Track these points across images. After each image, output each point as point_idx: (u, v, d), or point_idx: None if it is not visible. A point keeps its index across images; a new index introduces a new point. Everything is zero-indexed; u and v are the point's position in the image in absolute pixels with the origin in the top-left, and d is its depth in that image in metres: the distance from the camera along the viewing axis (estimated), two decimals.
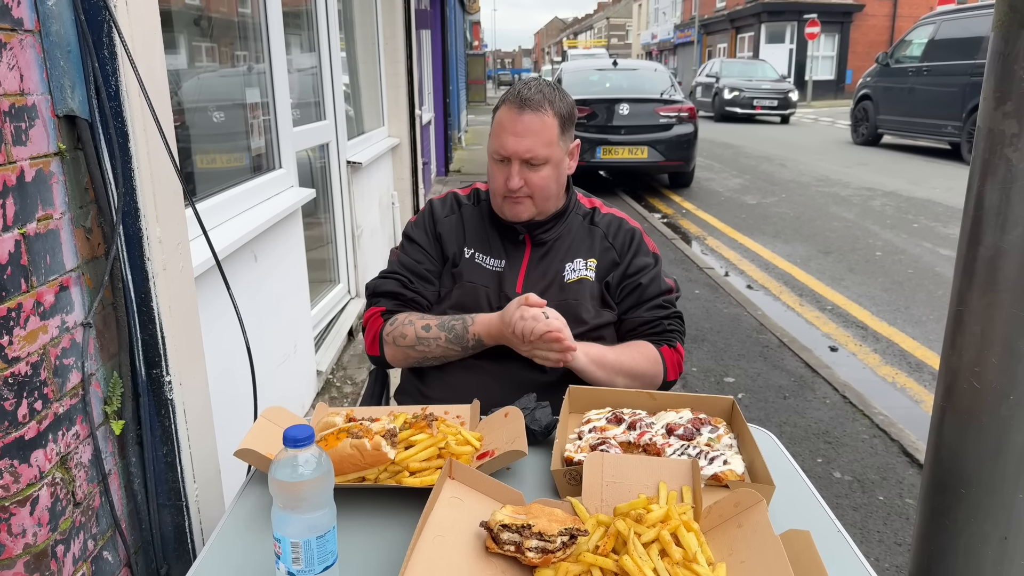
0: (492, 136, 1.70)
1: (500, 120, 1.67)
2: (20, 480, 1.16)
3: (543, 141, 1.64)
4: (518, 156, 1.63)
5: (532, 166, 1.65)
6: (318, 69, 4.12)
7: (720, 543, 1.09)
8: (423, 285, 1.79)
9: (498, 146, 1.66)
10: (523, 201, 1.69)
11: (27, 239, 1.17)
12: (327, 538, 1.01)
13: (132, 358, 1.45)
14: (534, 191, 1.68)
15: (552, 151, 1.66)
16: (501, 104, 1.69)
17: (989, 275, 1.20)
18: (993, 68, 1.17)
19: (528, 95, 1.64)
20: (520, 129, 1.63)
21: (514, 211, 1.71)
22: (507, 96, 1.68)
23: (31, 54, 1.20)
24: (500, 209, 1.74)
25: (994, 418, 1.22)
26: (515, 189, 1.65)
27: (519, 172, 1.65)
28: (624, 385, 1.67)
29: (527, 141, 1.63)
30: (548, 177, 1.68)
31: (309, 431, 0.99)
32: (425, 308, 1.79)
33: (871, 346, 4.61)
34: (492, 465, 1.28)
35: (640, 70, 10.73)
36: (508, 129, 1.64)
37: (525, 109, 1.63)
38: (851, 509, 2.85)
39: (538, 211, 1.73)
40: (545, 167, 1.66)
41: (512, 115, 1.64)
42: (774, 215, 8.45)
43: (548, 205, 1.74)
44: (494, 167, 1.70)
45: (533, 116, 1.63)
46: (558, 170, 1.70)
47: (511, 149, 1.63)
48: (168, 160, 1.46)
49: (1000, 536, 1.25)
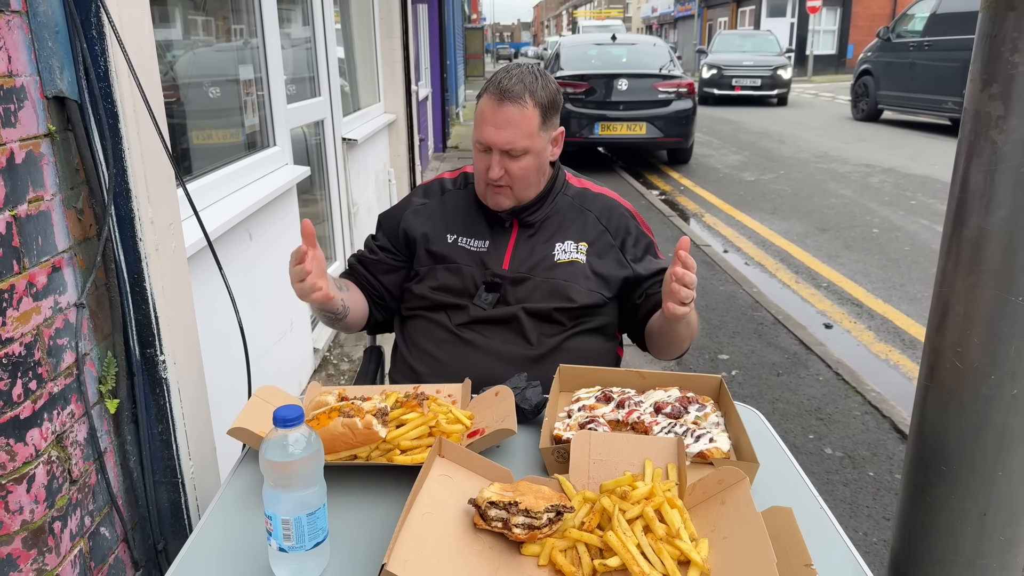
0: (475, 125, 1.71)
1: (481, 110, 1.67)
2: (16, 458, 1.18)
3: (523, 132, 1.64)
4: (498, 147, 1.64)
5: (512, 156, 1.66)
6: (312, 44, 4.09)
7: (704, 519, 1.11)
8: (375, 266, 1.86)
9: (479, 136, 1.67)
10: (503, 191, 1.71)
11: (18, 221, 1.18)
12: (317, 515, 1.03)
13: (126, 338, 1.46)
14: (514, 181, 1.69)
15: (532, 142, 1.66)
16: (483, 93, 1.69)
17: (973, 257, 1.21)
18: (980, 50, 1.17)
19: (508, 86, 1.63)
20: (500, 120, 1.63)
21: (495, 201, 1.74)
22: (489, 86, 1.68)
23: (19, 35, 1.19)
24: (483, 197, 1.77)
25: (975, 397, 1.24)
26: (495, 179, 1.67)
27: (499, 162, 1.66)
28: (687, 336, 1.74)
29: (507, 133, 1.63)
30: (528, 167, 1.68)
31: (299, 411, 1.01)
32: (376, 285, 1.85)
33: (865, 323, 4.64)
34: (482, 443, 1.30)
35: (639, 45, 10.64)
36: (488, 120, 1.64)
37: (505, 101, 1.63)
38: (841, 484, 2.89)
39: (518, 200, 1.75)
40: (525, 157, 1.67)
41: (492, 106, 1.64)
42: (772, 192, 8.43)
43: (528, 193, 1.75)
44: (477, 155, 1.72)
45: (513, 108, 1.62)
46: (539, 159, 1.71)
47: (491, 140, 1.64)
48: (159, 140, 1.46)
49: (980, 512, 1.27)
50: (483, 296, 1.74)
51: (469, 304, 1.73)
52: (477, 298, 1.74)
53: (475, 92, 2.01)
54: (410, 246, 1.84)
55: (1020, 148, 1.13)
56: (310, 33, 4.07)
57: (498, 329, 1.72)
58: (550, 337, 1.73)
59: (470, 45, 23.25)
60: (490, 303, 1.73)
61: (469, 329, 1.73)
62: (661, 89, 9.23)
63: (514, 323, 1.72)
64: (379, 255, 1.86)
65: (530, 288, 1.73)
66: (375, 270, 1.86)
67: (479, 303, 1.73)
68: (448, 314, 1.75)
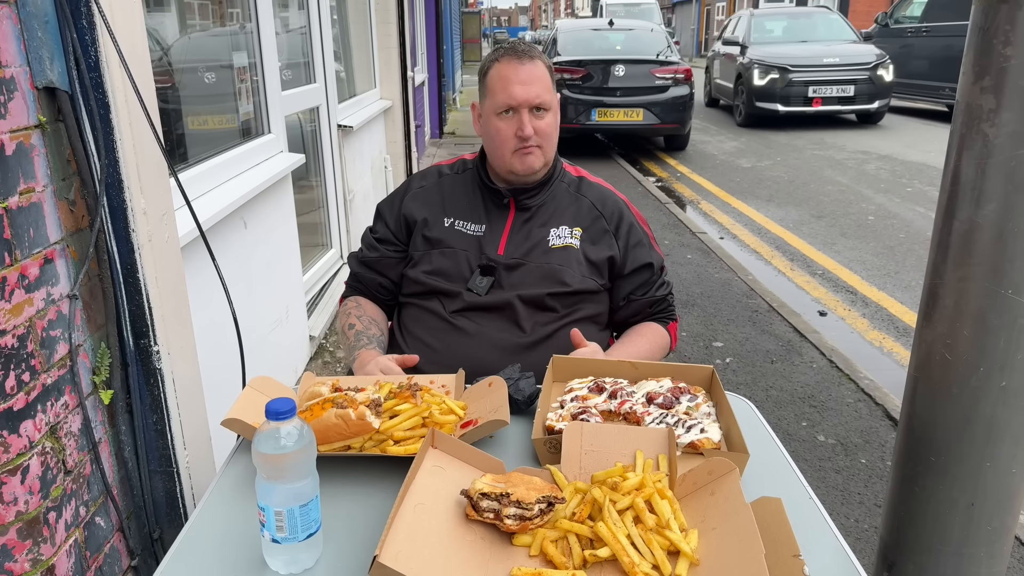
0: (493, 93, 1.72)
1: (502, 74, 1.71)
2: (10, 450, 1.18)
3: (546, 86, 1.71)
4: (528, 103, 1.69)
5: (539, 112, 1.71)
6: (307, 30, 4.07)
7: (693, 510, 1.12)
8: (380, 263, 1.86)
9: (506, 98, 1.69)
10: (534, 151, 1.73)
11: (9, 212, 1.18)
12: (310, 507, 1.04)
13: (120, 329, 1.47)
14: (543, 138, 1.73)
15: (553, 98, 1.74)
16: (494, 62, 1.74)
17: (963, 249, 1.22)
18: (973, 42, 1.17)
19: (522, 48, 1.73)
20: (525, 77, 1.69)
21: (526, 163, 1.74)
22: (499, 54, 1.74)
23: (8, 25, 1.19)
24: (510, 166, 1.75)
25: (964, 389, 1.25)
26: (529, 136, 1.69)
27: (530, 120, 1.69)
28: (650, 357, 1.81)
29: (535, 87, 1.69)
30: (552, 124, 1.74)
31: (291, 404, 1.02)
32: (386, 283, 1.87)
33: (860, 311, 4.65)
34: (475, 434, 1.31)
35: (636, 30, 10.58)
36: (513, 79, 1.69)
37: (524, 59, 1.70)
38: (833, 472, 2.91)
39: (546, 160, 1.77)
40: (549, 113, 1.73)
41: (513, 66, 1.70)
42: (768, 179, 8.42)
43: (552, 153, 1.79)
44: (499, 123, 1.72)
45: (532, 65, 1.70)
46: (557, 117, 1.77)
47: (521, 97, 1.68)
48: (151, 131, 1.46)
49: (967, 502, 1.29)
50: (478, 280, 1.75)
51: (463, 290, 1.74)
52: (471, 282, 1.75)
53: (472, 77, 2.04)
54: (410, 231, 1.85)
55: (1012, 141, 1.13)
56: (305, 19, 4.04)
57: (492, 316, 1.73)
58: (543, 325, 1.74)
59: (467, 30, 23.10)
60: (484, 288, 1.74)
61: (462, 316, 1.74)
62: (658, 75, 9.19)
63: (508, 310, 1.73)
64: (381, 250, 1.87)
65: (524, 273, 1.75)
66: (380, 267, 1.86)
67: (473, 287, 1.74)
68: (442, 301, 1.76)
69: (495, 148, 1.76)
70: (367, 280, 1.87)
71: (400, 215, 1.85)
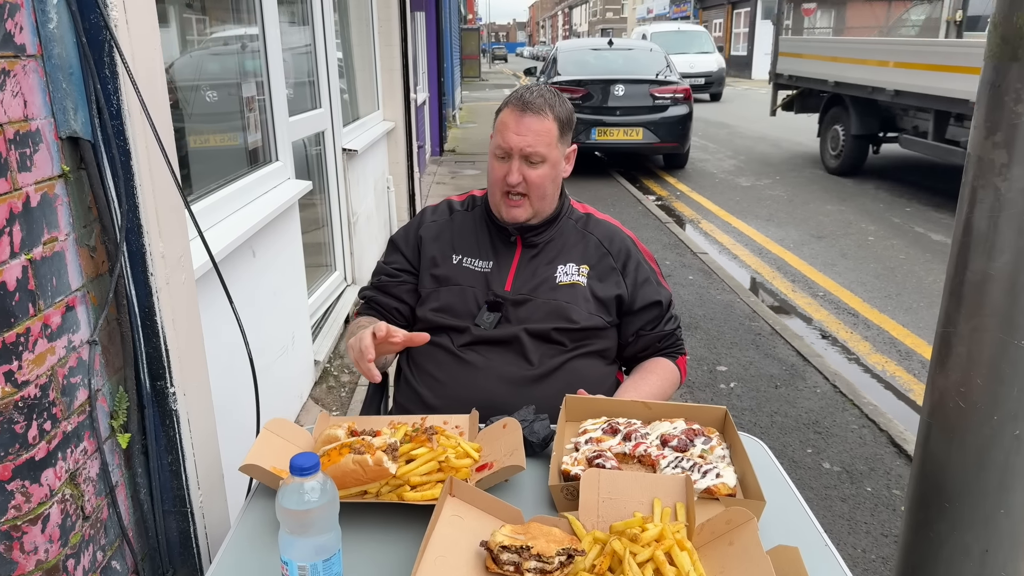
0: (495, 135, 1.78)
1: (503, 120, 1.76)
2: (31, 500, 1.19)
3: (543, 140, 1.73)
4: (519, 151, 1.72)
5: (531, 163, 1.73)
6: (312, 56, 4.10)
7: (712, 560, 1.13)
8: (398, 288, 1.88)
9: (500, 141, 1.74)
10: (521, 203, 1.76)
11: (34, 264, 1.19)
12: (333, 561, 1.05)
13: (137, 371, 1.47)
14: (531, 188, 1.74)
15: (550, 151, 1.74)
16: (504, 107, 1.78)
17: (976, 300, 1.23)
18: (984, 97, 1.19)
19: (530, 99, 1.74)
20: (522, 128, 1.72)
21: (511, 213, 1.78)
22: (510, 99, 1.77)
23: (34, 79, 1.20)
24: (498, 208, 1.80)
25: (977, 436, 1.26)
26: (514, 184, 1.73)
27: (519, 168, 1.73)
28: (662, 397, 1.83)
29: (528, 138, 1.72)
30: (545, 176, 1.75)
31: (315, 459, 1.02)
32: (403, 309, 1.88)
33: (862, 333, 4.67)
34: (491, 479, 1.32)
35: (635, 50, 10.66)
36: (511, 128, 1.73)
37: (527, 111, 1.73)
38: (839, 500, 2.92)
39: (534, 211, 1.79)
40: (543, 165, 1.74)
41: (515, 116, 1.73)
42: (768, 197, 8.46)
43: (543, 205, 1.80)
44: (495, 164, 1.78)
45: (534, 118, 1.72)
46: (555, 171, 1.78)
47: (513, 144, 1.72)
48: (169, 176, 1.47)
49: (981, 549, 1.30)
50: (485, 316, 1.77)
51: (471, 325, 1.76)
52: (479, 318, 1.77)
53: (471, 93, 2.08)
54: (421, 255, 1.88)
55: (1023, 196, 1.15)
56: (311, 43, 4.07)
57: (499, 350, 1.75)
58: (551, 358, 1.76)
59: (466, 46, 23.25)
60: (491, 323, 1.76)
61: (470, 350, 1.75)
62: (657, 95, 9.26)
63: (515, 343, 1.75)
64: (399, 276, 1.89)
65: (531, 309, 1.77)
66: (398, 292, 1.88)
67: (481, 323, 1.76)
68: (450, 336, 1.78)
69: (489, 187, 1.84)
70: (383, 303, 1.88)
71: (416, 246, 1.89)
